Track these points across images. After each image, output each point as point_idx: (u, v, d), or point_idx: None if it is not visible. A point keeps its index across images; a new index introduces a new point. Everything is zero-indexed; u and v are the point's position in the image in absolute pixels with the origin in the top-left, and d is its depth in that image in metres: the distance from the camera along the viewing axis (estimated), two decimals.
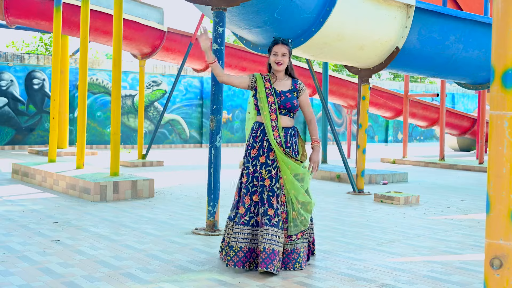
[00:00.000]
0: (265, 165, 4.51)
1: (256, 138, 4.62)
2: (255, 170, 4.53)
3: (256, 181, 4.51)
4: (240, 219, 4.46)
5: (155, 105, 21.10)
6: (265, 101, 4.57)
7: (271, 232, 4.33)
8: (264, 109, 4.56)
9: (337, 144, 9.81)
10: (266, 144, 4.56)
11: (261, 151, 4.56)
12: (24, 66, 18.46)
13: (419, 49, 8.93)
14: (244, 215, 4.47)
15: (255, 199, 4.50)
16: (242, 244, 4.41)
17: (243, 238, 4.43)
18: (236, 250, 4.39)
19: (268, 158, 4.53)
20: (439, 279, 4.31)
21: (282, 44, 4.63)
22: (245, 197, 4.51)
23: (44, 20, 12.50)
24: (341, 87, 16.36)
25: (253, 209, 4.49)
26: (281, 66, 4.64)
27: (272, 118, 4.54)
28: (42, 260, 4.63)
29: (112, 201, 7.93)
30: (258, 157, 4.55)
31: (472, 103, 31.52)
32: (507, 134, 2.39)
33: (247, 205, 4.49)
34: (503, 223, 2.40)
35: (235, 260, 4.37)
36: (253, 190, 4.51)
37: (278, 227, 4.35)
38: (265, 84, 4.63)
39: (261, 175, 4.51)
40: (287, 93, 4.65)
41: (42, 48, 26.78)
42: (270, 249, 4.28)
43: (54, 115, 10.71)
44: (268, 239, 4.30)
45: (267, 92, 4.59)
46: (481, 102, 15.48)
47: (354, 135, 24.24)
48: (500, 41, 2.41)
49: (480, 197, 9.18)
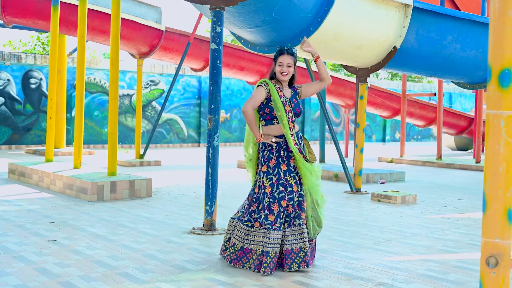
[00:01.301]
0: (288, 172, 4.55)
1: (273, 150, 4.60)
2: (278, 178, 4.54)
3: (283, 187, 4.52)
4: (272, 226, 4.43)
5: (153, 105, 21.09)
6: (283, 110, 4.56)
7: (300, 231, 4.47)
8: (283, 118, 4.55)
9: (335, 143, 9.82)
10: (285, 153, 4.59)
11: (280, 159, 4.58)
12: (21, 66, 18.43)
13: (416, 49, 8.94)
14: (274, 222, 4.44)
15: (284, 204, 4.50)
16: (276, 249, 4.39)
17: (277, 243, 4.40)
18: (272, 256, 4.36)
19: (289, 165, 4.58)
20: (436, 277, 4.31)
21: (287, 55, 4.64)
22: (273, 205, 4.49)
23: (41, 19, 12.48)
24: (339, 87, 16.36)
25: (282, 214, 4.49)
26: (287, 76, 4.66)
27: (291, 127, 4.57)
28: (39, 260, 4.62)
29: (109, 201, 7.93)
30: (279, 165, 4.57)
31: (469, 102, 31.57)
32: (504, 133, 2.39)
33: (276, 212, 4.47)
34: (499, 221, 2.41)
35: (271, 266, 4.34)
36: (281, 196, 4.50)
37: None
38: (278, 92, 4.61)
39: (287, 181, 4.53)
40: (293, 99, 4.70)
41: (40, 48, 26.75)
42: (298, 248, 4.43)
43: (51, 115, 10.70)
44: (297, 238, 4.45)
45: (283, 101, 4.59)
46: (478, 102, 15.51)
47: (352, 134, 24.27)
48: (497, 41, 2.42)
49: (477, 196, 9.20)
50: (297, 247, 4.41)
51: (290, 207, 4.49)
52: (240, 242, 4.54)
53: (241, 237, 4.55)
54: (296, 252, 4.40)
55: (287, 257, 4.39)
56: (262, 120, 4.70)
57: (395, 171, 11.62)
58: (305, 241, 4.43)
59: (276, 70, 4.67)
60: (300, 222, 4.46)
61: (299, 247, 4.41)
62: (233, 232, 4.66)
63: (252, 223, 4.56)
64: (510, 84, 2.40)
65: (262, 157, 4.64)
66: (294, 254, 4.39)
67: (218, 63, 5.92)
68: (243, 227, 4.57)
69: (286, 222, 4.48)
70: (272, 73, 4.72)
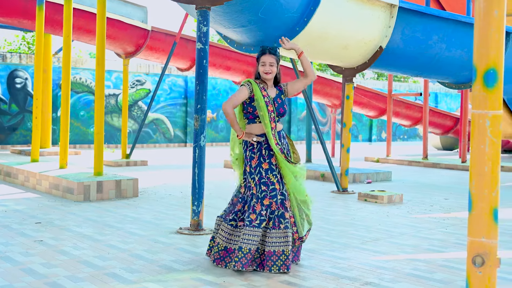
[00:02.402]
0: (270, 170, 4.56)
1: (254, 149, 4.61)
2: (260, 177, 4.54)
3: (265, 186, 4.52)
4: (251, 223, 4.43)
5: (139, 104, 21.02)
6: (266, 109, 4.57)
7: (276, 235, 4.43)
8: (265, 118, 4.56)
9: (321, 143, 9.83)
10: (266, 152, 4.60)
11: (262, 158, 4.59)
12: (6, 65, 18.29)
13: (402, 49, 8.98)
14: (255, 219, 4.45)
15: (266, 202, 4.50)
16: (251, 246, 4.38)
17: (252, 240, 4.39)
18: (245, 252, 4.36)
19: (271, 163, 4.58)
20: (423, 277, 4.34)
21: (269, 54, 4.66)
22: (256, 205, 4.50)
23: (26, 18, 12.38)
24: (325, 87, 16.40)
25: (264, 212, 4.48)
26: (270, 75, 4.68)
27: (273, 127, 4.58)
28: (25, 260, 4.59)
29: (95, 201, 7.89)
30: (260, 164, 4.57)
31: (455, 102, 31.76)
32: (489, 133, 2.41)
33: (258, 211, 4.47)
34: (485, 221, 2.43)
35: (243, 261, 4.33)
36: (263, 195, 4.51)
37: (288, 228, 4.45)
38: (262, 92, 4.62)
39: (269, 180, 4.54)
40: (277, 98, 4.71)
41: (25, 47, 26.54)
42: (280, 251, 4.39)
43: (37, 115, 10.63)
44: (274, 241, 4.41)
45: (266, 100, 4.60)
46: (464, 101, 15.60)
47: (338, 134, 24.32)
48: (482, 41, 2.44)
49: (463, 195, 9.25)
50: (280, 250, 4.39)
51: (274, 204, 4.48)
52: (224, 242, 4.56)
53: (225, 236, 4.57)
54: (278, 255, 4.37)
55: (269, 259, 4.37)
56: (245, 118, 4.71)
57: (381, 171, 11.67)
58: (288, 245, 4.41)
59: (259, 70, 4.69)
60: (286, 224, 4.44)
61: (281, 250, 4.39)
62: (217, 231, 4.67)
63: (237, 222, 4.57)
64: (495, 84, 2.42)
65: (245, 157, 4.66)
66: (276, 256, 4.37)
67: (204, 62, 5.92)
68: (227, 226, 4.59)
69: (271, 220, 4.46)
70: (257, 73, 4.74)
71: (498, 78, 2.42)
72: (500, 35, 2.42)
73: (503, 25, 2.43)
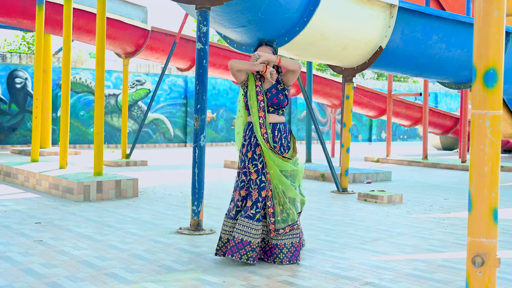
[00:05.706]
0: (251, 159, 4.68)
1: (246, 136, 4.77)
2: (244, 165, 4.70)
3: (245, 176, 4.68)
4: (229, 213, 4.69)
5: (139, 104, 21.02)
6: (255, 99, 4.68)
7: (242, 223, 4.52)
8: (253, 107, 4.68)
9: (321, 143, 9.83)
10: (254, 140, 4.71)
11: (249, 147, 4.72)
12: (6, 65, 18.29)
13: (402, 49, 8.98)
14: (231, 209, 4.68)
15: (243, 193, 4.65)
16: (226, 235, 4.64)
17: (225, 230, 4.67)
18: (224, 241, 4.64)
19: (254, 153, 4.68)
20: (422, 277, 4.34)
21: (266, 46, 4.81)
22: (235, 193, 4.72)
23: (26, 18, 12.38)
24: (325, 87, 16.41)
25: (240, 203, 4.65)
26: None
27: (260, 116, 4.67)
28: (25, 260, 4.59)
29: (95, 201, 7.89)
30: (246, 153, 4.71)
31: (454, 102, 31.76)
32: (489, 133, 2.41)
33: (235, 200, 4.68)
34: (485, 221, 2.43)
35: (223, 250, 4.62)
36: (241, 185, 4.68)
37: (253, 219, 4.51)
38: (256, 82, 4.74)
39: (248, 169, 4.66)
40: (272, 89, 4.77)
41: (25, 47, 26.54)
42: (238, 239, 4.48)
43: (37, 115, 10.63)
44: (239, 229, 4.51)
45: (257, 90, 4.71)
46: (464, 101, 15.60)
47: (338, 134, 24.31)
48: (482, 41, 2.44)
49: (463, 195, 9.25)
50: (238, 238, 4.48)
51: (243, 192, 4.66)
52: (226, 235, 4.71)
53: (227, 230, 4.74)
54: (236, 242, 4.47)
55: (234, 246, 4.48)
56: (246, 109, 4.82)
57: (381, 171, 11.67)
58: (249, 235, 4.48)
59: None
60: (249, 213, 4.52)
61: (240, 239, 4.48)
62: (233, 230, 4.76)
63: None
64: (495, 84, 2.42)
65: (242, 143, 4.83)
66: (234, 242, 4.48)
67: (204, 62, 5.92)
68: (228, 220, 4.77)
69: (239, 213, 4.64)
70: None
71: (498, 78, 2.42)
72: (500, 35, 2.42)
73: (503, 25, 2.43)
